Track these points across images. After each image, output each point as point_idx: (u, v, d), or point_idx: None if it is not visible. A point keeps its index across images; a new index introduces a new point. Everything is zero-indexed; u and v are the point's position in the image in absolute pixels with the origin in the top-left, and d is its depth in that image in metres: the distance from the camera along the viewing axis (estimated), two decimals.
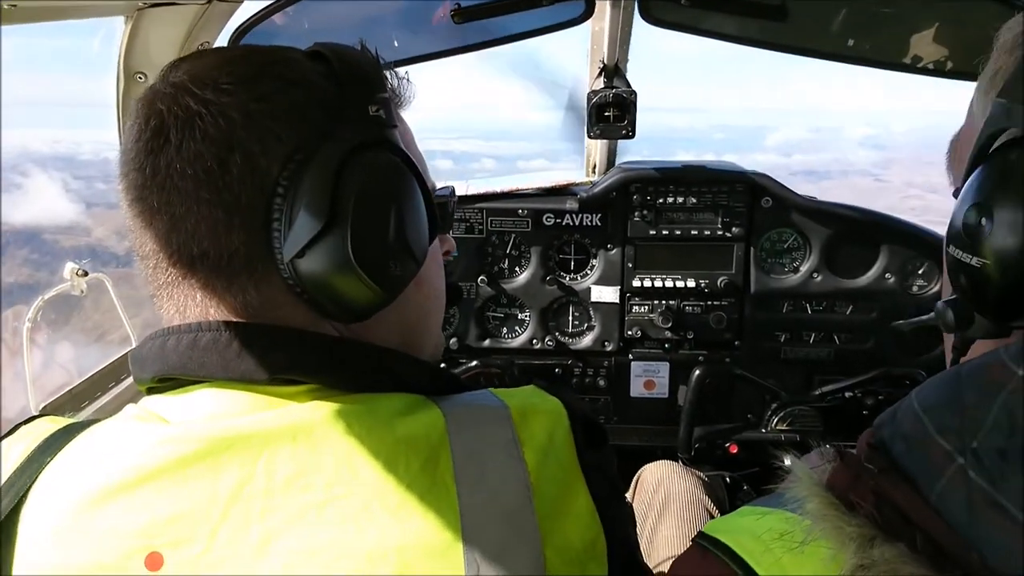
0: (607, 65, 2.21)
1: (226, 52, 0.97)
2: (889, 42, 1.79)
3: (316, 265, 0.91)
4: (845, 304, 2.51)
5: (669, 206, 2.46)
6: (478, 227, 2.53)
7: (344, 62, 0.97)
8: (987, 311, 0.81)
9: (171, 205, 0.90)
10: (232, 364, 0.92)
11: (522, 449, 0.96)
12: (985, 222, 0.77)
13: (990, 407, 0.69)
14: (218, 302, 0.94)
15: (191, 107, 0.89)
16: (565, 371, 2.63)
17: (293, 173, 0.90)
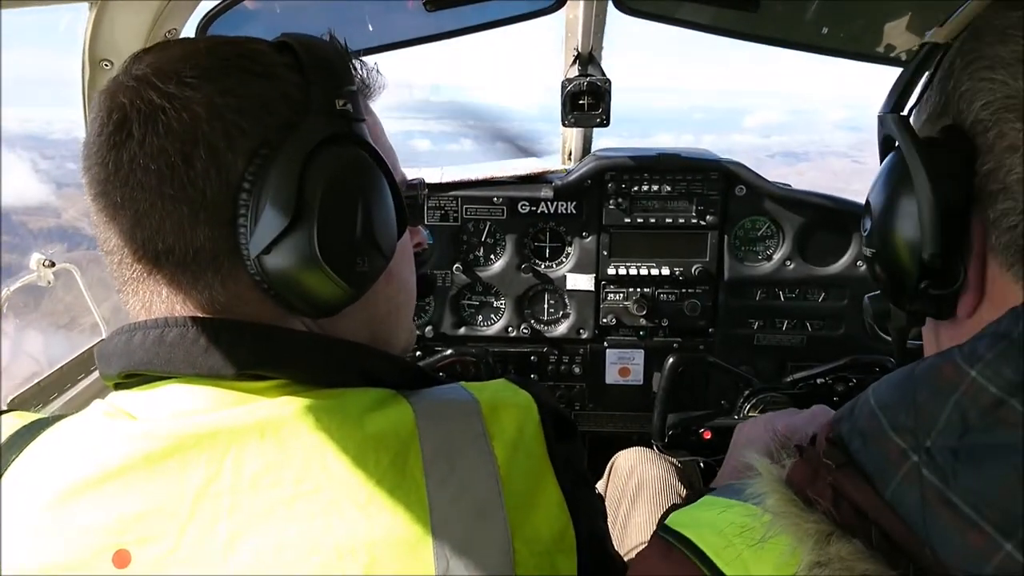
0: (581, 53, 2.20)
1: (190, 44, 0.95)
2: (861, 32, 1.80)
3: (283, 262, 0.90)
4: (817, 291, 2.54)
5: (644, 194, 2.46)
6: (453, 215, 2.52)
7: (311, 54, 0.96)
8: (888, 296, 0.91)
9: (135, 201, 0.89)
10: (199, 360, 0.91)
11: (492, 443, 0.97)
12: (867, 216, 0.90)
13: (943, 407, 0.71)
14: (184, 298, 0.93)
15: (154, 101, 0.88)
16: (540, 359, 2.64)
17: (259, 168, 0.90)
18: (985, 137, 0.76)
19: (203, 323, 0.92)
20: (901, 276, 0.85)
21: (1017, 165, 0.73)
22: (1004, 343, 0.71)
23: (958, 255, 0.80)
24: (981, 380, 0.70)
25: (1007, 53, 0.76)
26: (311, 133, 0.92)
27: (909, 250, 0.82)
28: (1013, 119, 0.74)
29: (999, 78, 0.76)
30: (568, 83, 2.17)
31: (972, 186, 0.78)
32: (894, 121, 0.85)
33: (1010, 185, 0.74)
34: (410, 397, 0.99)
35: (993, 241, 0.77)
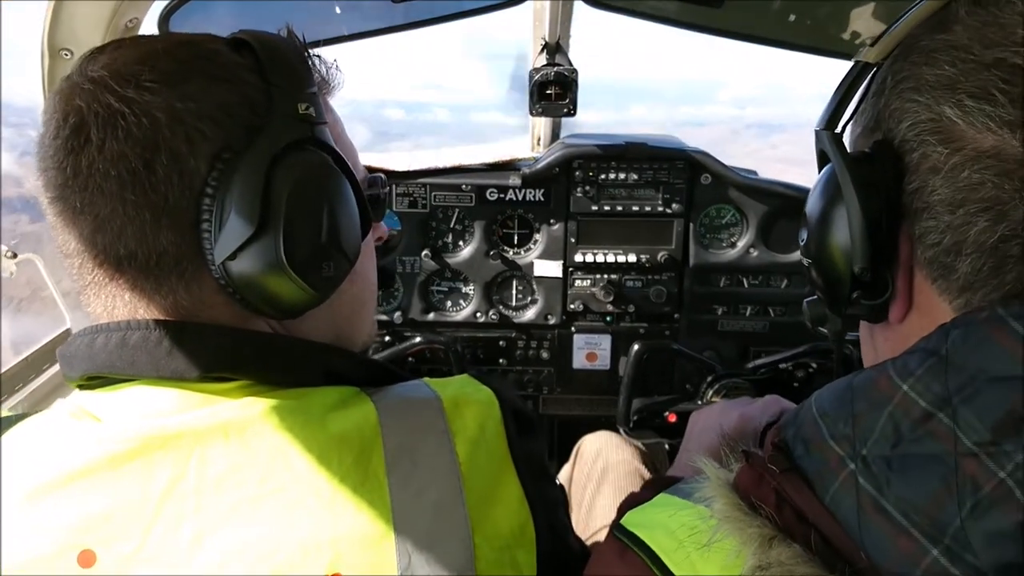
0: (548, 43, 2.20)
1: (147, 44, 0.94)
2: (827, 27, 1.82)
3: (248, 267, 0.92)
4: (780, 278, 2.59)
5: (611, 182, 2.49)
6: (422, 202, 2.53)
7: (271, 55, 0.96)
8: (824, 302, 0.95)
9: (95, 206, 0.89)
10: (162, 362, 0.92)
11: (454, 440, 1.00)
12: (803, 228, 0.94)
13: (878, 418, 0.75)
14: (147, 302, 0.94)
15: (112, 105, 0.88)
16: (509, 344, 2.67)
17: (222, 173, 0.90)
18: (911, 157, 0.80)
19: (166, 326, 0.93)
20: (835, 285, 0.89)
21: (939, 186, 0.77)
22: (933, 359, 0.75)
23: (887, 266, 0.84)
24: (912, 394, 0.74)
25: (932, 76, 0.79)
26: (274, 138, 0.93)
27: (841, 261, 0.86)
28: (935, 142, 0.77)
29: (923, 100, 0.79)
30: (535, 73, 2.17)
31: (900, 201, 0.82)
32: (827, 138, 0.88)
33: (932, 204, 0.78)
34: (373, 395, 1.02)
35: (919, 255, 0.81)
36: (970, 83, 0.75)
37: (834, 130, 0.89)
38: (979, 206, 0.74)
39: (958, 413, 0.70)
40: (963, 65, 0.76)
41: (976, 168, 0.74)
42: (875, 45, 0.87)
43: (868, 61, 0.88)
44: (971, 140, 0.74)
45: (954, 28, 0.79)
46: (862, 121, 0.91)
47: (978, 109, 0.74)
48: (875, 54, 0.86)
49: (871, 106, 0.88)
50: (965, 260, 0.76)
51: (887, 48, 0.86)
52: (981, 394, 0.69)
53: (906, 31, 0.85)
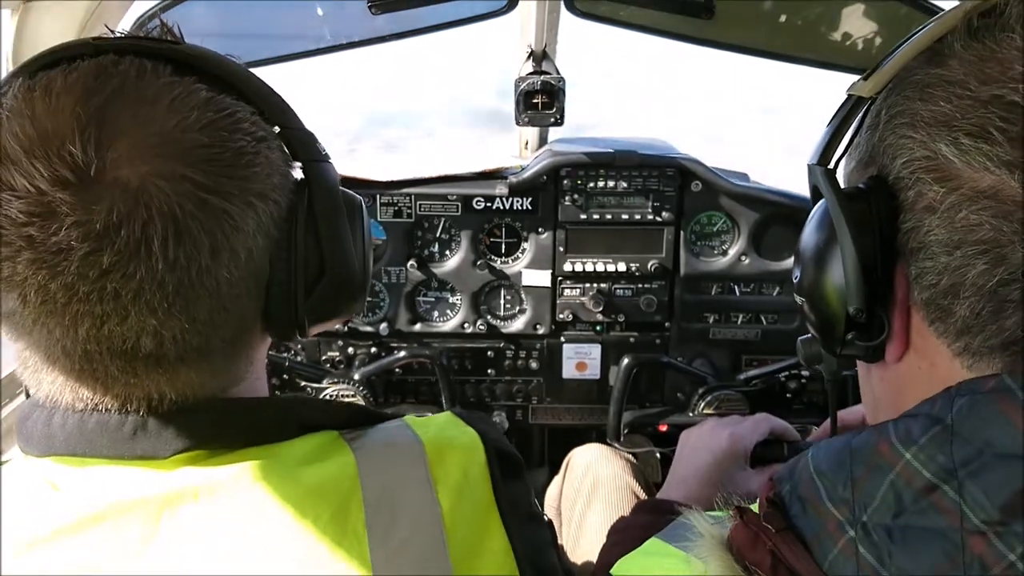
0: (534, 51, 2.15)
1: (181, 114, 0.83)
2: (817, 38, 1.78)
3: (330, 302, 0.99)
4: (772, 286, 2.55)
5: (600, 190, 2.44)
6: (407, 211, 2.48)
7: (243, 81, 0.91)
8: (819, 342, 0.93)
9: (107, 312, 0.81)
10: (124, 447, 0.88)
11: (436, 489, 0.96)
12: (796, 267, 0.93)
13: (879, 485, 0.72)
14: (119, 388, 0.88)
15: (212, 203, 0.82)
16: (497, 354, 2.63)
17: (276, 243, 0.91)
18: (906, 195, 0.78)
19: (129, 410, 0.89)
20: (829, 325, 0.87)
21: (935, 226, 0.74)
22: (938, 428, 0.72)
23: (883, 307, 0.82)
24: (915, 464, 0.71)
25: (927, 112, 0.76)
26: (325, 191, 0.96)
27: (835, 301, 0.84)
28: (930, 180, 0.75)
29: (918, 137, 0.76)
30: (521, 81, 2.12)
31: (895, 240, 0.79)
32: (820, 173, 0.86)
33: (929, 244, 0.75)
34: (352, 441, 0.98)
35: (915, 295, 0.78)
36: (967, 120, 0.72)
37: (827, 165, 0.87)
38: (977, 248, 0.71)
39: (964, 488, 0.67)
40: (959, 101, 0.73)
41: (973, 209, 0.71)
42: (869, 79, 0.84)
43: (862, 95, 0.85)
44: (968, 179, 0.72)
45: (950, 63, 0.76)
46: (856, 155, 0.89)
47: (975, 148, 0.71)
48: (869, 88, 0.84)
49: (865, 140, 0.86)
50: (963, 303, 0.74)
51: (881, 82, 0.83)
52: (989, 470, 0.66)
53: (901, 64, 0.82)
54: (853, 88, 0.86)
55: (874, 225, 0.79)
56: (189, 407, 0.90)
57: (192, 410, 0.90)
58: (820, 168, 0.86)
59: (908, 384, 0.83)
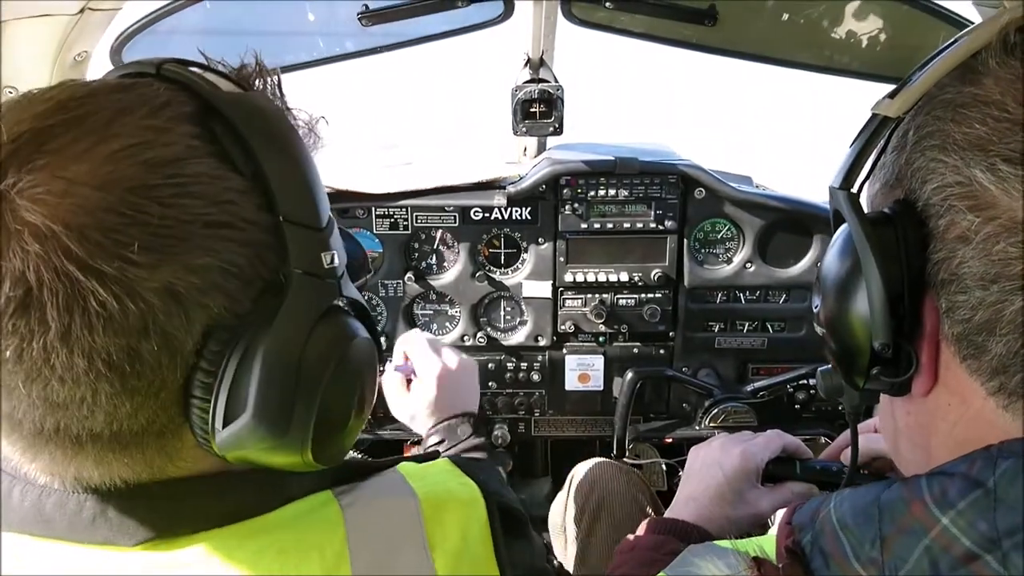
0: (531, 59, 2.09)
1: (110, 171, 0.70)
2: (819, 44, 1.73)
3: (254, 444, 0.77)
4: (778, 293, 2.50)
5: (600, 199, 2.38)
6: (403, 223, 2.42)
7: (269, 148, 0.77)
8: (840, 375, 0.87)
9: (47, 392, 0.71)
10: (84, 531, 0.81)
11: (432, 555, 0.90)
12: (817, 295, 0.88)
13: (912, 549, 0.68)
14: (77, 469, 0.79)
15: (80, 282, 0.67)
16: (498, 367, 2.58)
17: (225, 345, 0.75)
18: (937, 223, 0.72)
19: (86, 490, 0.81)
20: (852, 359, 0.82)
21: (969, 258, 0.69)
22: (978, 492, 0.66)
23: (911, 340, 0.76)
24: (953, 530, 0.66)
25: (960, 135, 0.70)
26: (297, 310, 0.77)
27: (860, 334, 0.79)
28: (964, 208, 0.69)
29: (950, 161, 0.71)
30: (518, 90, 2.06)
31: (924, 270, 0.74)
32: (843, 198, 0.80)
33: (962, 277, 0.70)
34: (343, 499, 0.91)
35: (946, 329, 0.73)
36: (1005, 145, 0.67)
37: (850, 189, 0.81)
38: (1016, 283, 0.66)
39: (1009, 559, 0.63)
40: (996, 124, 0.68)
41: (1012, 240, 0.66)
42: (895, 97, 0.78)
43: (888, 115, 0.79)
44: (1006, 208, 0.66)
45: (984, 81, 0.71)
46: (881, 177, 0.83)
47: (1014, 174, 0.66)
48: (896, 107, 0.78)
49: (891, 162, 0.80)
50: (999, 341, 0.68)
51: (910, 101, 0.77)
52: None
53: (931, 82, 0.76)
54: (878, 107, 0.80)
55: (902, 254, 0.74)
56: (151, 492, 0.81)
57: (154, 495, 0.81)
58: (843, 192, 0.80)
59: (936, 420, 0.79)
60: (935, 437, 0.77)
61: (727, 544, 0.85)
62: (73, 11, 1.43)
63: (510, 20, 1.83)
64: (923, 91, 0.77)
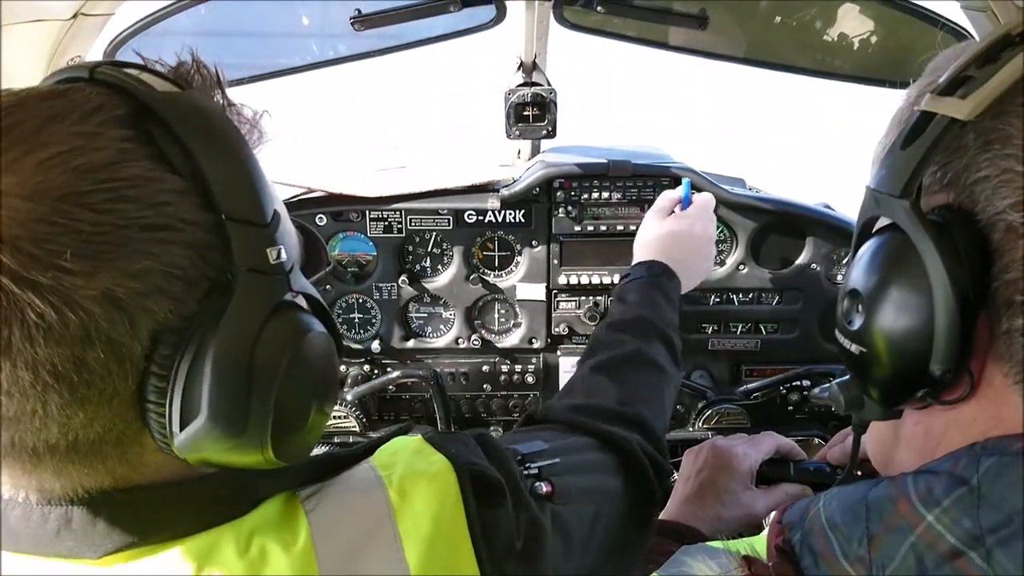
0: (524, 62, 2.10)
1: (39, 178, 0.68)
2: (808, 48, 1.74)
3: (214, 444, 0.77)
4: (771, 295, 2.50)
5: (594, 202, 2.39)
6: (397, 226, 2.42)
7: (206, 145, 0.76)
8: (871, 395, 0.82)
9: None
10: (49, 544, 0.80)
11: (403, 546, 0.89)
12: (859, 311, 0.78)
13: (898, 546, 0.68)
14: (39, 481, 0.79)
15: (15, 294, 0.66)
16: (492, 369, 2.58)
17: (175, 348, 0.74)
18: (1008, 243, 0.67)
19: (48, 503, 0.80)
20: (899, 382, 0.77)
21: None
22: (963, 490, 0.67)
23: (965, 362, 0.72)
24: (938, 527, 0.67)
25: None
26: (245, 310, 0.76)
27: (915, 358, 0.72)
28: None
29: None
30: (511, 94, 2.07)
31: (985, 286, 0.69)
32: (907, 211, 0.72)
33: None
34: (307, 502, 0.90)
35: (1002, 350, 0.70)
36: None
37: (911, 198, 0.73)
38: None
39: (993, 556, 0.63)
40: None
41: None
42: (967, 98, 0.70)
43: (958, 117, 0.70)
44: None
45: None
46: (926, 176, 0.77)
47: None
48: (969, 109, 0.70)
49: (940, 164, 0.75)
50: None
51: (984, 102, 0.70)
52: (1019, 539, 0.62)
53: (1010, 82, 0.69)
54: (945, 108, 0.71)
55: (967, 271, 0.69)
56: (114, 501, 0.81)
57: (118, 504, 0.81)
58: (904, 202, 0.73)
59: (953, 432, 0.76)
60: (944, 448, 0.75)
61: (719, 545, 0.85)
62: (66, 16, 1.43)
63: (503, 24, 1.83)
64: (1001, 91, 0.70)
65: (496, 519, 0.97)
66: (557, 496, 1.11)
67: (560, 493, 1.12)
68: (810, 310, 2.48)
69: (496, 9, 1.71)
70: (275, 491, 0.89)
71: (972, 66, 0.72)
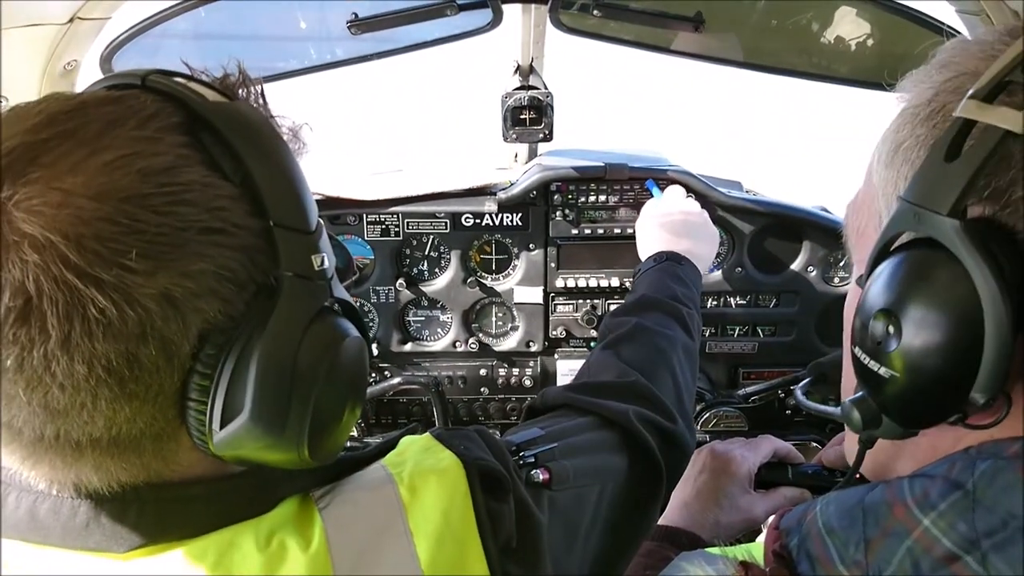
0: (521, 65, 2.10)
1: (104, 179, 0.71)
2: (805, 52, 1.75)
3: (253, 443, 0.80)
4: (768, 298, 2.51)
5: (591, 205, 2.39)
6: (394, 229, 2.42)
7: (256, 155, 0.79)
8: (894, 417, 0.78)
9: (48, 399, 0.72)
10: (77, 537, 0.81)
11: (414, 541, 0.90)
12: (893, 333, 0.73)
13: (894, 550, 0.68)
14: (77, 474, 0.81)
15: (79, 290, 0.68)
16: (490, 372, 2.58)
17: (220, 349, 0.77)
18: None
19: (79, 496, 0.82)
20: (929, 407, 0.74)
21: None
22: (958, 494, 0.67)
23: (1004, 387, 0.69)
24: (934, 531, 0.67)
25: None
26: (291, 313, 0.79)
27: (956, 384, 0.69)
28: None
29: None
30: (508, 97, 2.07)
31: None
32: (959, 233, 0.68)
33: None
34: (320, 501, 0.91)
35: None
36: None
37: (962, 218, 0.68)
38: None
39: (988, 560, 0.63)
40: None
41: None
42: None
43: (1015, 131, 0.65)
44: None
45: None
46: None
47: None
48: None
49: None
50: None
51: None
52: (1015, 543, 0.62)
53: None
54: (1000, 118, 0.66)
55: (1015, 296, 0.65)
56: (143, 496, 0.83)
57: (146, 500, 0.83)
58: (954, 222, 0.68)
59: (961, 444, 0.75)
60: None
61: (717, 551, 0.85)
62: (63, 20, 1.43)
63: (500, 28, 1.83)
64: None
65: (501, 513, 0.98)
66: (555, 482, 1.11)
67: (558, 479, 1.12)
68: (807, 313, 2.48)
69: (493, 13, 1.71)
70: (293, 491, 0.91)
71: (1016, 70, 0.68)
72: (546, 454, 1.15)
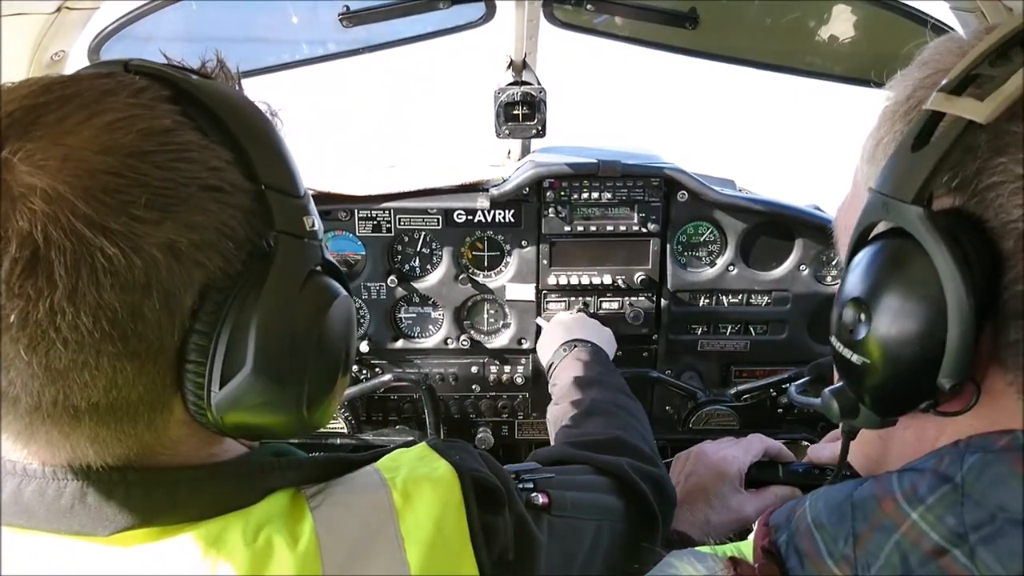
0: (514, 61, 2.09)
1: (107, 136, 0.74)
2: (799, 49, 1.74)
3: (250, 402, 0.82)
4: (761, 296, 2.50)
5: (584, 202, 2.38)
6: (386, 225, 2.41)
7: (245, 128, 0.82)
8: (869, 405, 0.79)
9: (50, 358, 0.72)
10: (61, 519, 0.81)
11: (405, 548, 0.90)
12: (863, 320, 0.74)
13: (883, 544, 0.68)
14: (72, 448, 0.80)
15: (88, 239, 0.70)
16: (481, 369, 2.57)
17: (219, 306, 0.79)
18: (1018, 247, 0.65)
19: (65, 476, 0.82)
20: (899, 393, 0.74)
21: None
22: (946, 487, 0.67)
23: (971, 373, 0.70)
24: (923, 524, 0.67)
25: None
26: (286, 270, 0.83)
27: (924, 371, 0.70)
28: None
29: None
30: (501, 92, 2.06)
31: (994, 295, 0.67)
32: (922, 219, 0.69)
33: None
34: (312, 499, 0.91)
35: (1007, 360, 0.68)
36: None
37: (925, 205, 0.69)
38: None
39: (976, 553, 0.63)
40: None
41: None
42: (985, 100, 0.67)
43: (976, 120, 0.67)
44: None
45: None
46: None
47: None
48: (988, 112, 0.66)
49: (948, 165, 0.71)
50: None
51: (1003, 104, 0.67)
52: (1003, 536, 0.62)
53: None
54: (962, 109, 0.68)
55: (979, 283, 0.66)
56: (130, 479, 0.82)
57: (133, 482, 0.82)
58: (917, 210, 0.69)
59: (945, 435, 0.75)
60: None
61: (707, 549, 0.85)
62: (50, 10, 1.41)
63: (493, 22, 1.82)
64: (1021, 93, 0.66)
65: (495, 526, 0.98)
66: (555, 508, 1.13)
67: (558, 505, 1.14)
68: (799, 311, 2.48)
69: (486, 7, 1.70)
70: (283, 484, 0.91)
71: (984, 63, 0.69)
72: (544, 481, 1.17)
